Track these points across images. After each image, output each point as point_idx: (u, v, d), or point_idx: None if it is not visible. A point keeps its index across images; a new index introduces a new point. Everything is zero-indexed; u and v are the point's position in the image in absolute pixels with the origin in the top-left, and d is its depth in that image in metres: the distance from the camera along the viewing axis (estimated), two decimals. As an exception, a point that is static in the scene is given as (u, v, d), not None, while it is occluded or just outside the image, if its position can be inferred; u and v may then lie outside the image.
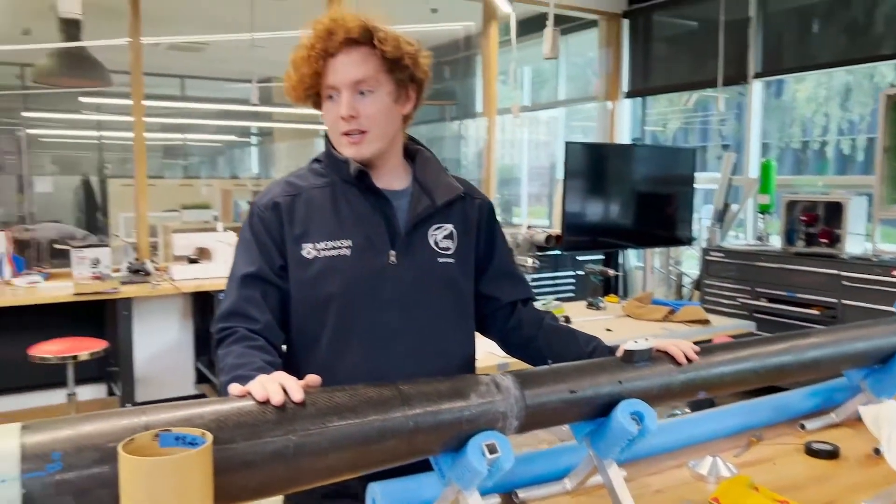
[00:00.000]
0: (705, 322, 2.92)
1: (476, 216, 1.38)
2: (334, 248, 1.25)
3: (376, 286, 1.26)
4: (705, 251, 4.78)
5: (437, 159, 1.39)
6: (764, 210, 4.72)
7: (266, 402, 0.91)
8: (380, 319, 1.27)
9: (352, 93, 1.23)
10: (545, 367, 1.19)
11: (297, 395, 0.93)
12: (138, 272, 3.88)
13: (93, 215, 7.18)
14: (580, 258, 5.07)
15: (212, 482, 0.76)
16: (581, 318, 2.94)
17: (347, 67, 1.22)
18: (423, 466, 1.08)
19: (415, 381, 1.04)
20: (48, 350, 3.18)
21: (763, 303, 4.36)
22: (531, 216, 7.71)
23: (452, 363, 1.33)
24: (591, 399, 1.13)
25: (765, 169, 4.67)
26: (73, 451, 0.79)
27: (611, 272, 3.27)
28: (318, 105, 1.29)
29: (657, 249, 5.14)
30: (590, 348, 1.35)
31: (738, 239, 5.24)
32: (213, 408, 0.90)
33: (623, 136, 5.95)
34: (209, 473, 0.76)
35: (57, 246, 4.24)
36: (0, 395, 3.67)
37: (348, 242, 1.26)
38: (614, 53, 5.88)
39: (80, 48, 4.93)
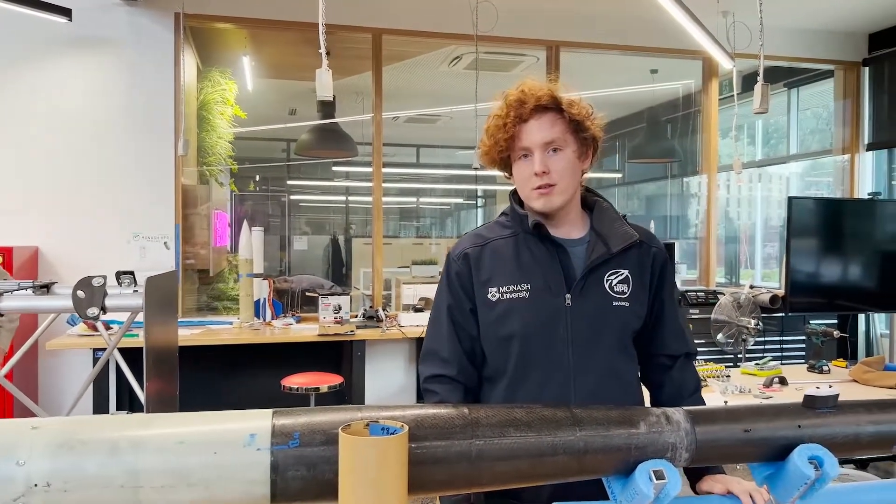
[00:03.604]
0: (954, 394, 2.60)
1: (650, 263, 1.46)
2: (515, 290, 1.39)
3: (552, 325, 1.38)
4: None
5: (614, 208, 1.49)
6: None
7: None
8: (557, 356, 1.38)
9: (543, 152, 1.39)
10: (720, 406, 1.23)
11: None
12: (372, 318, 4.34)
13: (338, 269, 8.01)
14: (813, 321, 4.70)
15: (406, 465, 0.94)
16: (800, 380, 2.77)
17: (538, 131, 1.38)
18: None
19: (589, 406, 1.15)
20: (296, 381, 3.67)
21: None
22: (766, 278, 7.28)
23: (631, 401, 1.41)
24: (767, 440, 1.15)
25: None
26: (308, 433, 1.01)
27: (836, 334, 3.02)
28: (505, 167, 1.47)
29: (908, 315, 4.60)
30: None
31: None
32: (413, 411, 1.08)
33: (865, 191, 5.46)
34: (404, 457, 0.94)
35: (308, 294, 4.88)
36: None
37: (527, 286, 1.39)
38: (853, 104, 5.47)
39: (333, 124, 5.70)
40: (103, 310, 1.78)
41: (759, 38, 2.89)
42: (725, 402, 2.02)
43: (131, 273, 2.12)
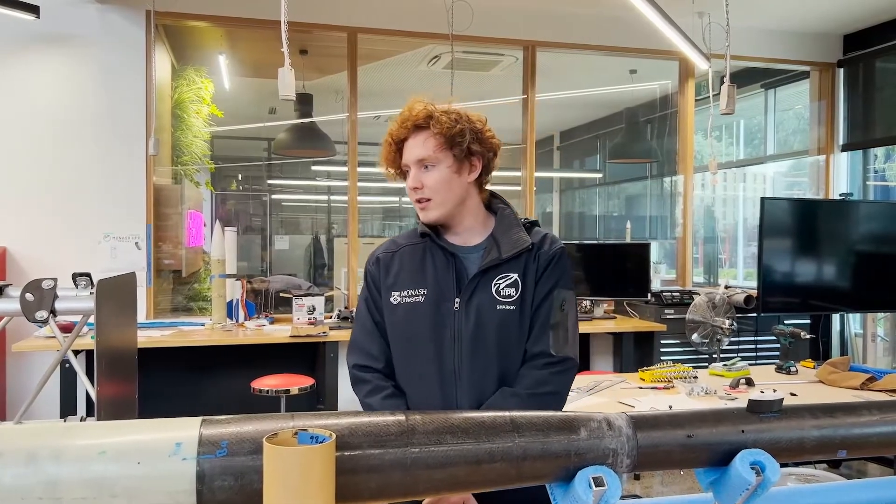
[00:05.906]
0: (917, 394, 2.61)
1: (535, 265, 1.50)
2: (413, 295, 1.48)
3: (441, 329, 1.46)
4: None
5: (516, 215, 1.55)
6: None
7: None
8: (445, 359, 1.46)
9: (418, 168, 1.47)
10: (663, 412, 1.21)
11: None
12: (346, 319, 4.31)
13: (320, 269, 7.99)
14: (788, 321, 4.71)
15: (333, 474, 0.92)
16: (767, 381, 2.77)
17: (413, 149, 1.48)
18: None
19: (528, 412, 1.13)
20: (267, 384, 3.63)
21: None
22: (748, 277, 7.32)
23: None
24: (710, 446, 1.13)
25: None
26: (235, 442, 0.99)
27: (803, 335, 3.03)
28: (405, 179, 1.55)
29: (881, 315, 4.63)
30: None
31: None
32: (348, 419, 1.06)
33: (841, 191, 5.49)
34: (331, 466, 0.92)
35: (282, 294, 4.84)
36: (231, 422, 4.23)
37: (424, 291, 1.48)
38: (828, 105, 5.50)
39: (310, 123, 5.67)
40: (53, 313, 1.75)
41: (725, 40, 2.89)
42: (670, 406, 2.01)
43: (87, 275, 2.09)
